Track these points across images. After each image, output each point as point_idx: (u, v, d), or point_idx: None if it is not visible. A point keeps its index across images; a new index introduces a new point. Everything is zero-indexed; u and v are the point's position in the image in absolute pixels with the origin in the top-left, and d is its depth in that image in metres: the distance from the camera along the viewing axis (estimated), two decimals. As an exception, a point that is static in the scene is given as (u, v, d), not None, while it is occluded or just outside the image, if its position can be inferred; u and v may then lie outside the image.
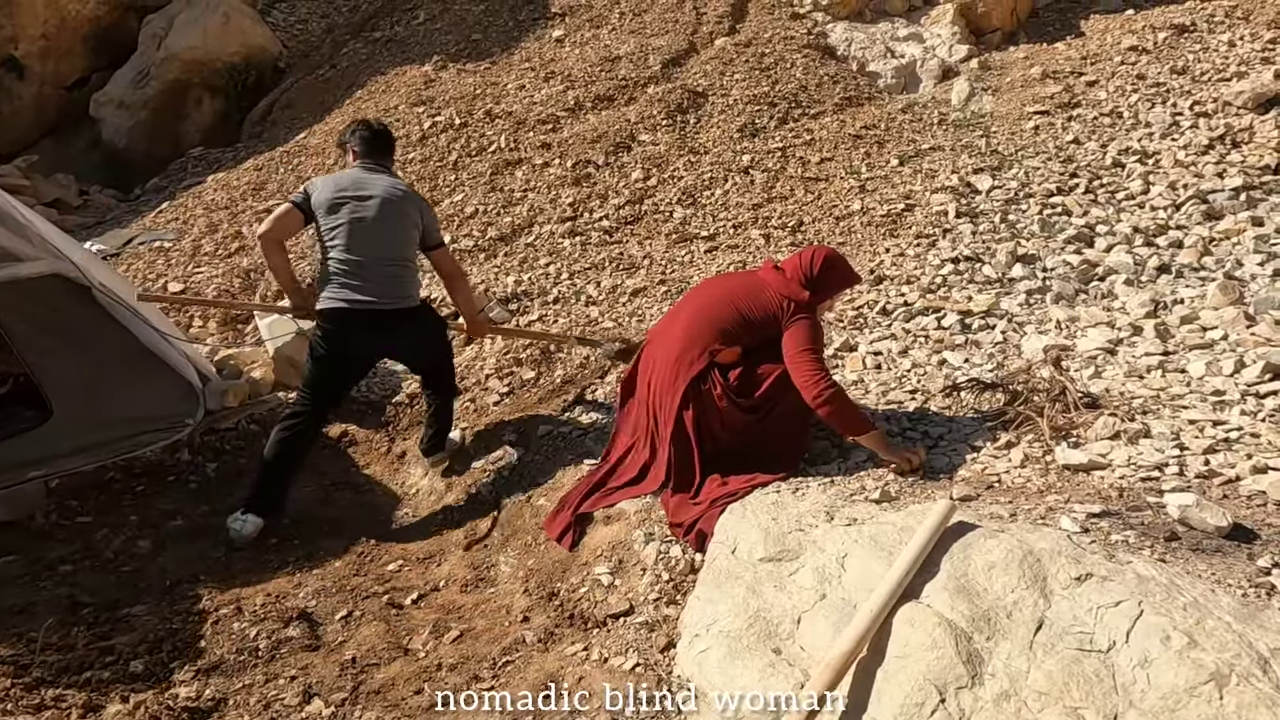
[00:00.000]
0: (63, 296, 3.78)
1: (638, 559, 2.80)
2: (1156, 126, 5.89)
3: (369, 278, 3.49)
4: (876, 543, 2.26)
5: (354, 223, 3.49)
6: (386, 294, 3.53)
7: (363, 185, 3.56)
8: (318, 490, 3.85)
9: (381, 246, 3.52)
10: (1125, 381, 3.22)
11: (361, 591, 2.95)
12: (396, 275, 3.59)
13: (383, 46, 8.94)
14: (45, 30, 9.85)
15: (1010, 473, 2.67)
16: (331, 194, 3.52)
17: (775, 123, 6.81)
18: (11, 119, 9.83)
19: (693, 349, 2.99)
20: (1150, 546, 2.03)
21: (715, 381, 2.94)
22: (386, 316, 3.53)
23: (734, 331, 3.00)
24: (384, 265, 3.54)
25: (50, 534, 3.36)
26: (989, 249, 4.87)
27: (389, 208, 3.55)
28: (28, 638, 2.58)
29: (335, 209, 3.50)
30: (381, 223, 3.52)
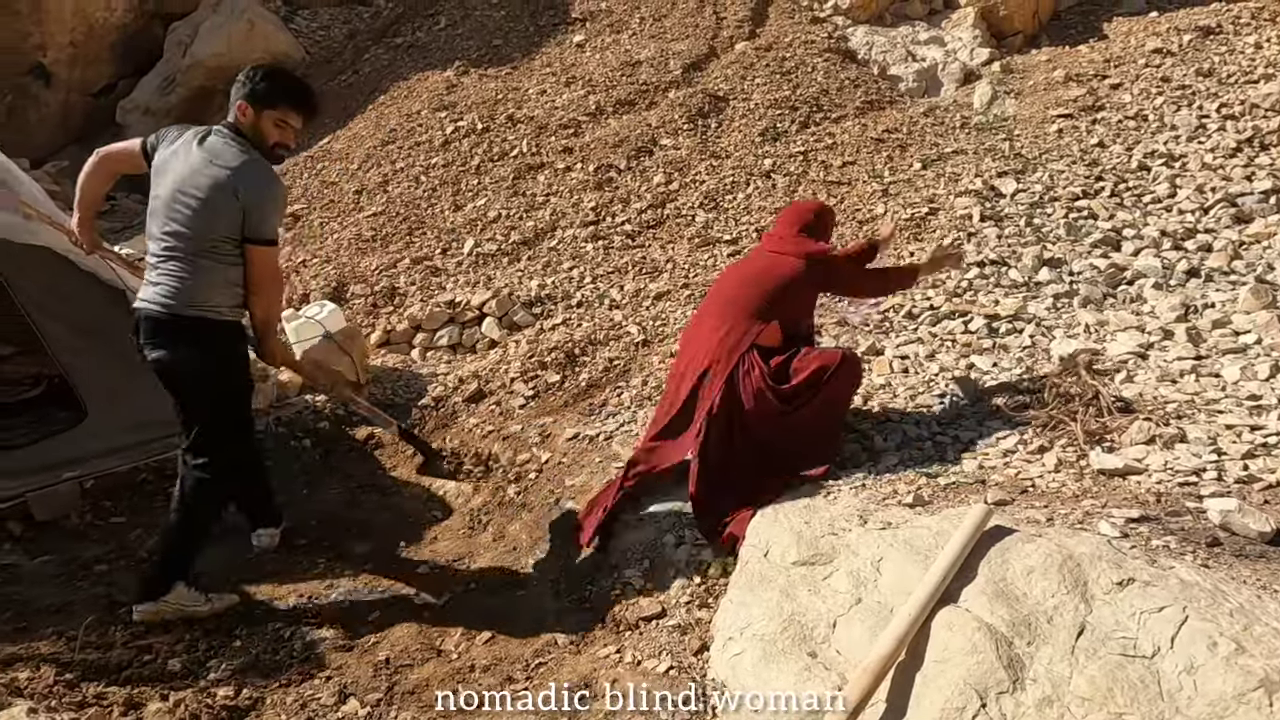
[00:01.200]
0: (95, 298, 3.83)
1: (669, 562, 2.81)
2: (1183, 129, 5.84)
3: (163, 268, 2.72)
4: (912, 546, 2.25)
5: (165, 191, 2.71)
6: (172, 296, 2.70)
7: (187, 146, 2.73)
8: (345, 493, 3.87)
9: (186, 229, 2.68)
10: (1158, 386, 3.19)
11: (392, 593, 2.97)
12: (192, 272, 2.70)
13: (404, 52, 9.01)
14: (73, 38, 9.99)
15: (1044, 477, 2.65)
16: (163, 147, 2.78)
17: (796, 127, 6.81)
18: (39, 125, 9.98)
19: (731, 336, 3.05)
20: (1192, 552, 2.02)
21: (754, 364, 2.98)
22: (160, 326, 2.73)
23: (766, 308, 3.10)
24: (184, 255, 2.70)
25: (85, 534, 3.40)
26: (1014, 253, 4.84)
27: (200, 178, 2.67)
28: (67, 636, 2.62)
29: (155, 173, 2.77)
30: (189, 198, 2.67)
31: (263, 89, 2.72)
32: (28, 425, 3.96)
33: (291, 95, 2.78)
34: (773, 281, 3.19)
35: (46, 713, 2.03)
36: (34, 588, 3.01)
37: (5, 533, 3.34)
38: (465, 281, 5.48)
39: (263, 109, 2.72)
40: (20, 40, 9.70)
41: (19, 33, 9.69)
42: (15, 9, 9.63)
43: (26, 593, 2.97)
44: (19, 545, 3.31)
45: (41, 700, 2.25)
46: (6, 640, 2.64)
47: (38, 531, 3.36)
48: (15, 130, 9.80)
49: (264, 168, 2.75)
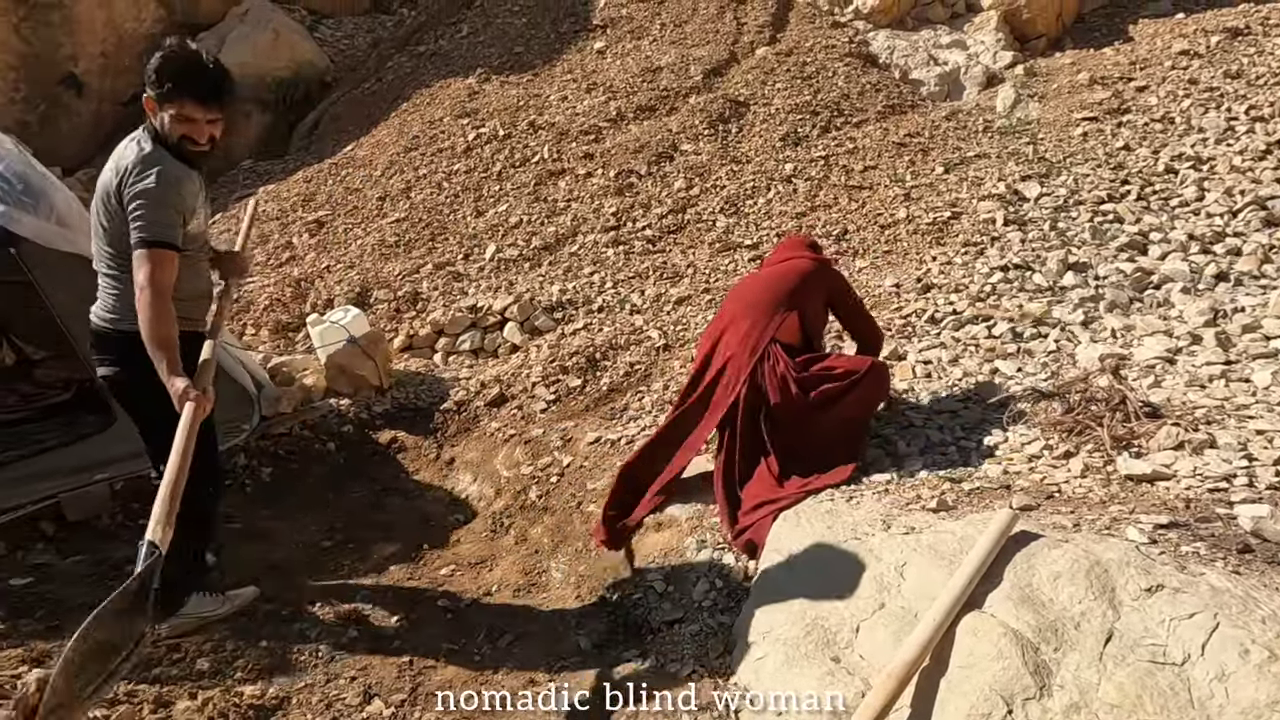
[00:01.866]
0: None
1: (691, 566, 2.81)
2: (1210, 132, 5.77)
3: (101, 279, 2.59)
4: (936, 551, 2.24)
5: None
6: (103, 306, 2.58)
7: (118, 150, 2.50)
8: (369, 495, 3.91)
9: (105, 235, 2.52)
10: (1186, 391, 3.15)
11: (416, 595, 2.99)
12: (114, 281, 2.56)
13: (427, 60, 9.10)
14: (104, 48, 10.19)
15: (1070, 483, 2.63)
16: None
17: (818, 131, 6.80)
18: (71, 134, 10.17)
19: (753, 333, 3.12)
20: (1223, 558, 1.99)
21: (779, 357, 3.01)
22: (96, 340, 2.62)
23: (785, 301, 3.20)
24: (106, 262, 2.56)
25: (115, 534, 3.45)
26: (1039, 257, 4.81)
27: (111, 179, 2.45)
28: (99, 634, 2.66)
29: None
30: (103, 200, 2.49)
31: (154, 79, 2.37)
32: (59, 428, 4.04)
33: (186, 85, 2.37)
34: (789, 279, 3.30)
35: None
36: (66, 587, 3.07)
37: (38, 533, 3.40)
38: (487, 287, 5.52)
39: (160, 103, 2.39)
40: (53, 51, 9.91)
41: (52, 44, 9.89)
42: (48, 21, 9.85)
43: (59, 591, 3.03)
44: (51, 545, 3.37)
45: (74, 697, 2.29)
46: (39, 638, 2.68)
47: (69, 532, 3.42)
48: (48, 138, 10.00)
49: (146, 163, 2.37)
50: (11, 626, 2.75)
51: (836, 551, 2.45)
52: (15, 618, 2.82)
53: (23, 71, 9.81)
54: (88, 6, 10.04)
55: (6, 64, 9.73)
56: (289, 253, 6.29)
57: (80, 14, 10.00)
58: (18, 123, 9.73)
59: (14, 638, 2.68)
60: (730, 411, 3.07)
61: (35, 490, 3.44)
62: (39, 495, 3.43)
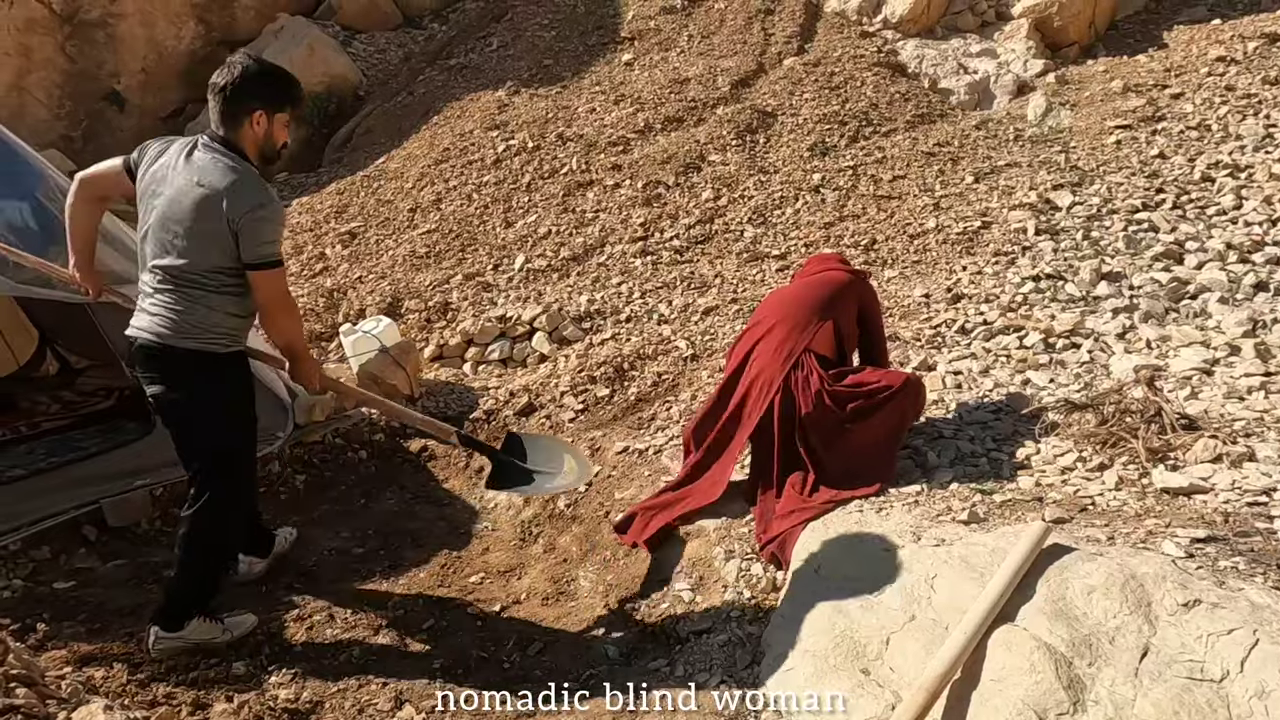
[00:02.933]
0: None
1: (718, 576, 2.81)
2: (1249, 139, 5.68)
3: (152, 297, 2.56)
4: (967, 564, 2.22)
5: (152, 214, 2.50)
6: (164, 325, 2.53)
7: (174, 162, 2.50)
8: (400, 503, 3.95)
9: (172, 253, 2.48)
10: (1225, 403, 3.10)
11: (446, 602, 3.02)
12: (180, 300, 2.52)
13: (458, 73, 9.22)
14: (145, 65, 10.46)
15: (1104, 495, 2.60)
16: (146, 161, 2.55)
17: (846, 141, 6.79)
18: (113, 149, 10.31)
19: (787, 343, 3.13)
20: (1263, 574, 1.96)
21: (812, 368, 3.02)
22: (152, 358, 2.59)
23: (821, 309, 3.22)
24: (174, 281, 2.52)
25: (155, 540, 3.53)
26: (1071, 266, 4.75)
27: (188, 198, 2.44)
28: (138, 637, 2.72)
29: (142, 190, 2.53)
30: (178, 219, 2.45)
31: (269, 91, 2.48)
32: (100, 435, 4.15)
33: (297, 91, 2.58)
34: (824, 288, 3.32)
35: (121, 710, 2.11)
36: (107, 590, 3.14)
37: (80, 538, 3.49)
38: (516, 297, 5.57)
39: (274, 113, 2.50)
40: (96, 68, 10.20)
41: (95, 61, 10.19)
42: (93, 39, 10.15)
43: (101, 595, 3.10)
44: (93, 550, 3.45)
45: (116, 698, 2.34)
46: (82, 640, 2.75)
47: (111, 537, 3.50)
48: (91, 153, 10.27)
49: (256, 185, 2.47)
50: (55, 629, 2.82)
51: (866, 562, 2.44)
52: (59, 620, 2.89)
53: (67, 88, 10.10)
54: (130, 25, 10.33)
55: (52, 81, 10.04)
56: (322, 264, 6.39)
57: (123, 32, 10.29)
58: (62, 138, 10.04)
59: (58, 639, 2.75)
60: (764, 420, 3.07)
61: (77, 496, 3.53)
62: (81, 501, 3.51)
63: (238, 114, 2.47)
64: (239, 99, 2.45)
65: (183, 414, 2.63)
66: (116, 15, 10.20)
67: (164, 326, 2.51)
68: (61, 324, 5.12)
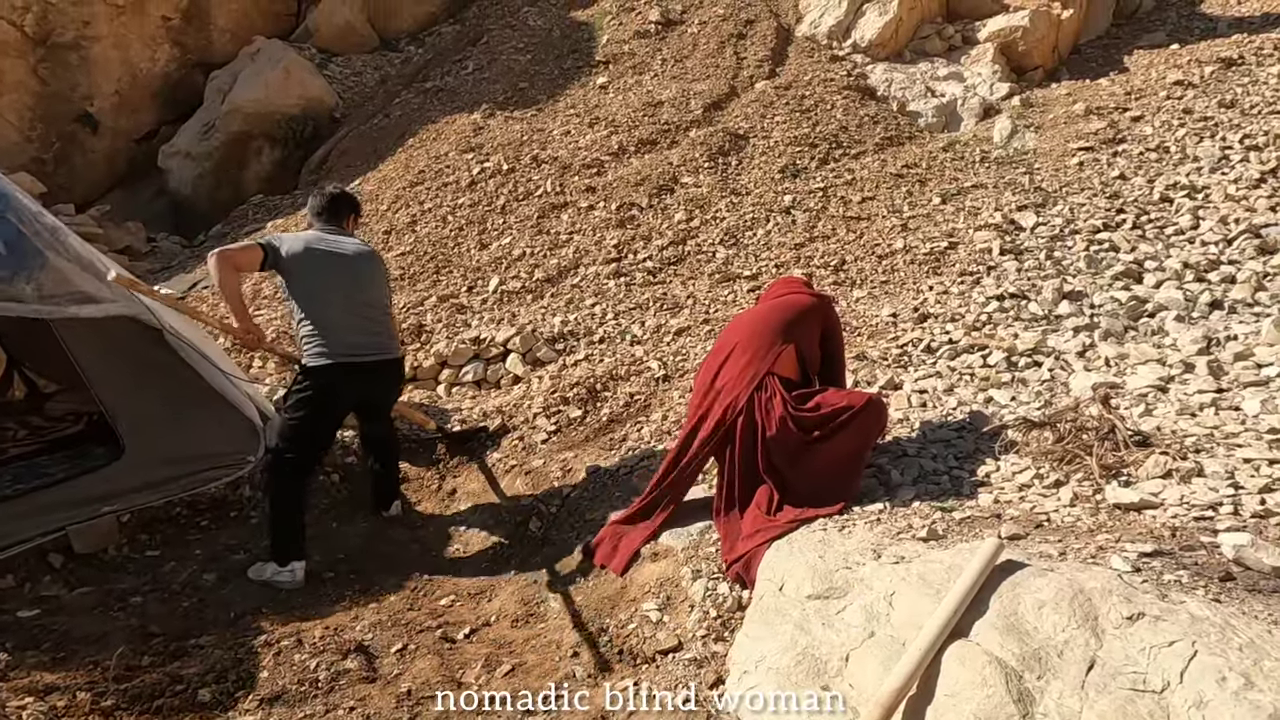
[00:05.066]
0: (136, 337, 3.98)
1: (685, 595, 2.84)
2: (1205, 161, 5.85)
3: (367, 330, 3.62)
4: (925, 581, 2.27)
5: (343, 277, 3.57)
6: (386, 346, 3.71)
7: (337, 243, 3.65)
8: (372, 526, 3.95)
9: (375, 299, 3.70)
10: (1177, 420, 3.19)
11: (415, 625, 3.03)
12: (389, 326, 3.78)
13: (433, 96, 9.28)
14: (119, 87, 10.43)
15: (1059, 511, 2.66)
16: (301, 249, 3.55)
17: (816, 163, 6.91)
18: (86, 170, 10.39)
19: (752, 364, 3.19)
20: (1204, 587, 2.02)
21: (775, 389, 3.07)
22: (384, 367, 3.70)
23: (784, 332, 3.28)
24: (381, 316, 3.73)
25: (122, 566, 3.51)
26: (1034, 286, 4.86)
27: (369, 262, 3.72)
28: (103, 665, 2.71)
29: (315, 264, 3.54)
30: (370, 276, 3.69)
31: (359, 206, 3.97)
32: (68, 461, 4.11)
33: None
34: (788, 311, 3.38)
35: (82, 740, 2.11)
36: (73, 618, 3.12)
37: (46, 565, 3.46)
38: (490, 319, 5.60)
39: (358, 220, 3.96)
40: (69, 90, 10.16)
41: (68, 83, 10.15)
42: (65, 61, 10.11)
43: (66, 623, 3.08)
44: (59, 577, 3.42)
45: (78, 728, 2.33)
46: (46, 669, 2.73)
47: (77, 564, 3.48)
48: (64, 175, 10.23)
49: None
50: (18, 658, 2.80)
51: (828, 581, 2.48)
52: (22, 649, 2.87)
53: (39, 110, 10.05)
54: (104, 47, 10.30)
55: (24, 104, 9.97)
56: (296, 286, 6.39)
57: (97, 54, 10.26)
58: (33, 160, 9.95)
59: (21, 669, 2.73)
60: (727, 439, 3.13)
61: (43, 523, 3.50)
62: (47, 528, 3.49)
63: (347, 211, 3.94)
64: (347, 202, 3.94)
65: (391, 400, 4.10)
66: (90, 38, 10.18)
67: (385, 347, 3.77)
68: (29, 347, 5.08)
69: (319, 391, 3.53)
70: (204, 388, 4.11)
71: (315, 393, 3.53)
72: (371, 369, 3.64)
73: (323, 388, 3.53)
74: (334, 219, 3.79)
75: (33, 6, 9.86)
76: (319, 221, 3.78)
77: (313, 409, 3.54)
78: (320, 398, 3.54)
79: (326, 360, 3.53)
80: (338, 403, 3.63)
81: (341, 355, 3.54)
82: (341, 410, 3.73)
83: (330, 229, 3.74)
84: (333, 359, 3.53)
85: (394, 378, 3.89)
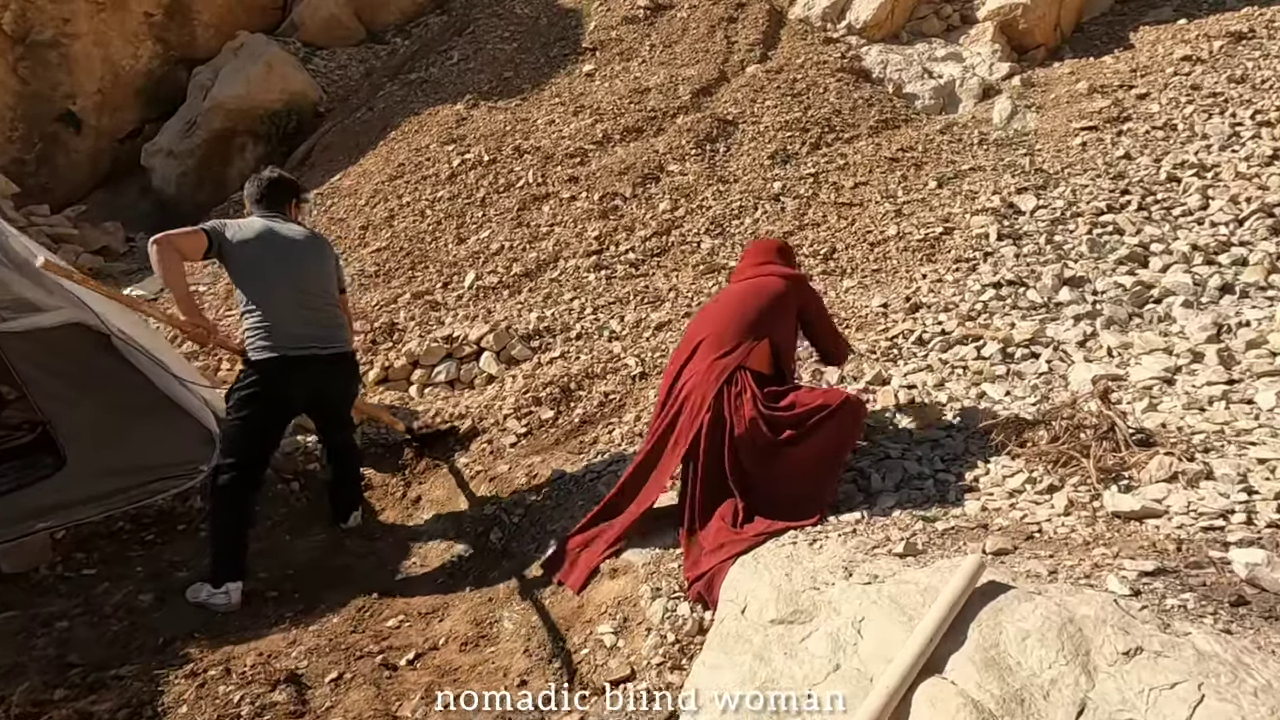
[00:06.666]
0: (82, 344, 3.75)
1: (643, 617, 2.60)
2: (1215, 138, 5.55)
3: (313, 321, 3.40)
4: (897, 605, 2.02)
5: (287, 265, 3.34)
6: (336, 337, 3.48)
7: (283, 230, 3.43)
8: (328, 538, 3.73)
9: (323, 288, 3.47)
10: (1184, 415, 2.92)
11: (356, 651, 2.79)
12: (337, 318, 3.55)
13: (418, 88, 9.04)
14: (101, 85, 10.23)
15: (1052, 521, 2.40)
16: (250, 236, 3.31)
17: (807, 148, 6.63)
18: (69, 171, 10.20)
19: (722, 359, 2.96)
20: (1213, 613, 1.76)
21: (746, 385, 2.83)
22: (334, 360, 3.47)
23: (757, 323, 3.05)
24: (329, 307, 3.50)
25: (53, 587, 3.29)
26: (1033, 272, 4.59)
27: (317, 250, 3.50)
28: (8, 702, 2.49)
29: (261, 251, 3.31)
30: (316, 264, 3.46)
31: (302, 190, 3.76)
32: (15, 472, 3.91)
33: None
34: (761, 298, 3.14)
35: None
36: (-7, 645, 2.91)
37: (-28, 586, 3.26)
38: (465, 315, 5.36)
39: (301, 204, 3.72)
40: (50, 89, 9.97)
41: (49, 82, 9.96)
42: (46, 60, 9.92)
43: (-15, 651, 2.86)
44: (-16, 599, 3.21)
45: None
46: (-47, 705, 2.52)
47: (4, 585, 3.27)
48: (46, 176, 10.05)
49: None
50: (-73, 691, 2.59)
51: (793, 603, 2.23)
52: (-67, 681, 2.66)
53: (20, 110, 9.86)
54: (85, 45, 10.10)
55: (4, 103, 9.79)
56: (269, 285, 6.17)
57: (78, 52, 10.07)
58: (14, 161, 9.77)
59: (-74, 704, 2.52)
60: (694, 442, 2.89)
61: (-27, 540, 3.30)
62: (-23, 545, 3.29)
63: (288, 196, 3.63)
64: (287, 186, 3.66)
65: (350, 400, 3.84)
66: (70, 35, 9.98)
67: (330, 339, 3.52)
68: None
69: (263, 386, 3.29)
70: (154, 395, 3.89)
71: (259, 388, 3.28)
72: (320, 362, 3.40)
73: (267, 382, 3.29)
74: (274, 205, 3.53)
75: (10, 4, 9.66)
76: (259, 209, 3.51)
77: (257, 407, 3.29)
78: (264, 393, 3.29)
79: (270, 353, 3.29)
80: (284, 400, 3.38)
81: (287, 347, 3.31)
82: (289, 409, 3.48)
83: (273, 215, 3.49)
84: (277, 351, 3.30)
85: (345, 373, 3.61)
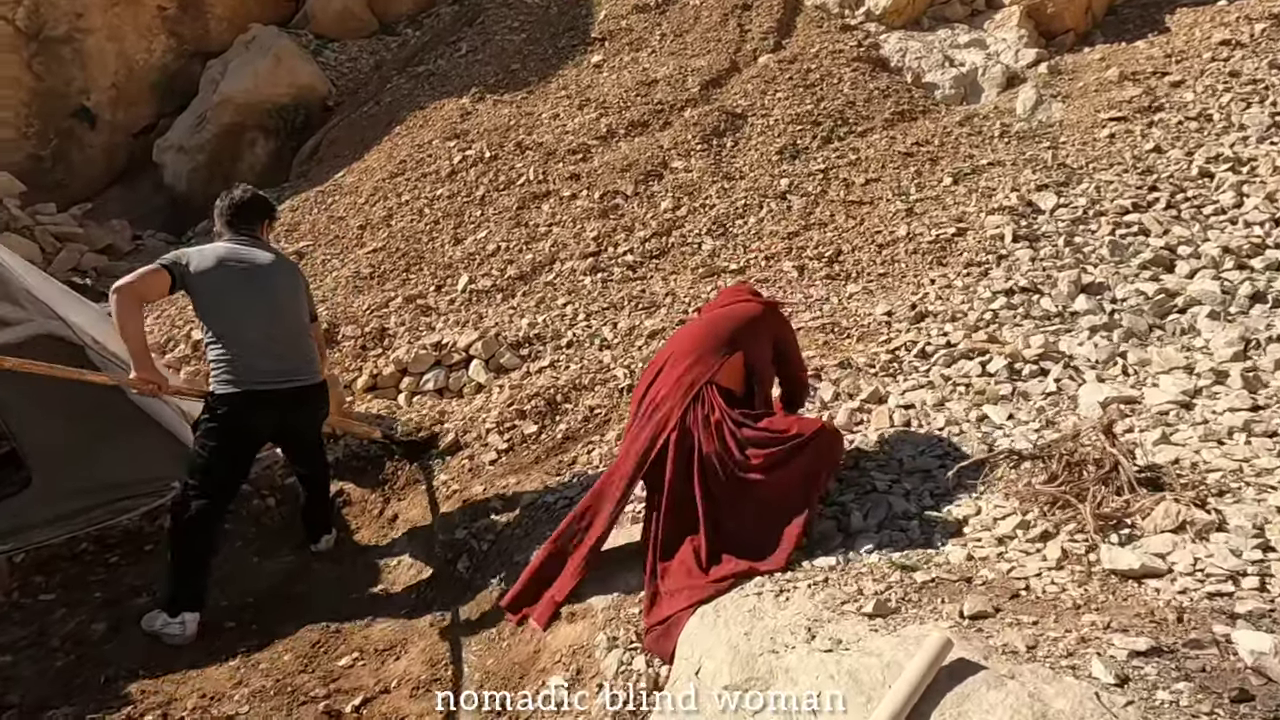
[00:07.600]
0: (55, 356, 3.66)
1: (597, 669, 2.42)
2: (1253, 129, 5.18)
3: (280, 354, 3.27)
4: (856, 682, 1.82)
5: (252, 294, 3.20)
6: (303, 370, 3.35)
7: (250, 256, 3.26)
8: (296, 562, 3.61)
9: (291, 319, 3.35)
10: (1200, 449, 2.65)
11: (302, 694, 2.65)
12: (306, 348, 3.42)
13: (424, 81, 8.88)
14: (115, 80, 10.22)
15: (1042, 576, 2.17)
16: (213, 264, 3.15)
17: (818, 143, 6.35)
18: (84, 166, 10.22)
19: (691, 372, 2.80)
20: (1209, 713, 1.53)
21: (715, 404, 2.63)
22: (301, 394, 3.33)
23: (729, 340, 2.88)
24: (297, 339, 3.37)
25: (7, 615, 3.20)
26: (1049, 277, 4.30)
27: (287, 277, 3.37)
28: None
29: (225, 281, 3.15)
30: (287, 293, 3.33)
31: (274, 211, 3.63)
32: (-13, 488, 3.83)
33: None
34: (735, 320, 2.98)
35: None
36: (-59, 679, 2.82)
37: (-72, 613, 3.18)
38: (456, 321, 5.20)
39: (273, 225, 3.63)
40: (64, 85, 9.98)
41: (63, 78, 9.96)
42: (60, 56, 9.92)
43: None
44: (-64, 629, 3.14)
45: None
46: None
47: (-41, 613, 3.19)
48: (61, 172, 10.08)
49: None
50: None
51: (748, 668, 2.04)
52: None
53: (35, 106, 9.88)
54: (99, 40, 10.09)
55: (19, 100, 9.81)
56: (264, 287, 6.08)
57: (91, 47, 10.06)
58: (29, 157, 9.80)
59: None
60: (658, 463, 2.69)
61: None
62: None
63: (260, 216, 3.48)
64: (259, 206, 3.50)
65: (319, 428, 3.68)
66: (84, 30, 9.97)
67: (300, 370, 3.40)
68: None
69: (226, 421, 3.17)
70: (127, 409, 3.79)
71: (221, 423, 3.17)
72: (286, 397, 3.28)
73: (231, 416, 3.17)
74: (245, 227, 3.38)
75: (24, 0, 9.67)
76: (229, 231, 3.37)
77: (220, 441, 3.18)
78: (227, 428, 3.18)
79: (233, 389, 3.18)
80: (248, 435, 3.27)
81: (252, 382, 3.20)
82: (255, 442, 3.35)
83: (242, 240, 3.33)
84: (240, 386, 3.18)
85: (313, 406, 3.46)
